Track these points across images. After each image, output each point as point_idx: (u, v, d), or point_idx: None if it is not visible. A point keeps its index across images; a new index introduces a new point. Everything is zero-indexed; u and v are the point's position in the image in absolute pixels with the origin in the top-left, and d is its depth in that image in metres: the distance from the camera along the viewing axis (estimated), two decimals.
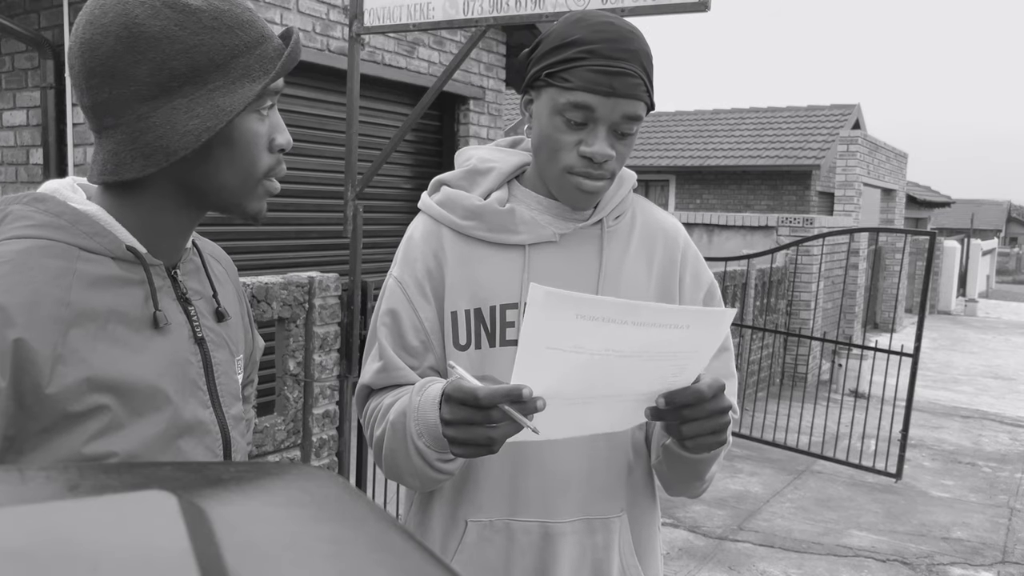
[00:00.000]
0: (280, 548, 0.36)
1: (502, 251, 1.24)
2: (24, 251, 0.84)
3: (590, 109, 1.13)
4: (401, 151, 6.01)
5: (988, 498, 5.18)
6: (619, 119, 1.14)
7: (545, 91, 1.17)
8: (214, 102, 0.86)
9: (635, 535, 1.27)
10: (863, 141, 10.48)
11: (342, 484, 0.46)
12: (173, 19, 0.85)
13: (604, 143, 1.15)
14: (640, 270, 1.28)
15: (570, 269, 1.24)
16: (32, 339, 0.81)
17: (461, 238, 1.25)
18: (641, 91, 1.14)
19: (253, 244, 5.05)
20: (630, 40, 1.14)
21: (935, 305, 16.05)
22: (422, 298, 1.25)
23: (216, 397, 1.00)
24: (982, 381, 9.33)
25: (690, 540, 4.25)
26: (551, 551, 1.21)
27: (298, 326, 3.28)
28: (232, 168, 0.92)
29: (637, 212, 1.33)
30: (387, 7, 3.19)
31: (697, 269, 1.33)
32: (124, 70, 0.85)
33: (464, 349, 1.23)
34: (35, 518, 0.35)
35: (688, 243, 1.34)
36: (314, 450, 3.39)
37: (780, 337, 7.79)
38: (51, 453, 0.84)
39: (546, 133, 1.18)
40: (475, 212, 1.24)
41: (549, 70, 1.15)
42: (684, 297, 1.30)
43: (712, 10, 2.60)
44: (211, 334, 1.01)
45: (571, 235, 1.25)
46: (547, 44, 1.18)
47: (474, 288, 1.23)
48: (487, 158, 1.31)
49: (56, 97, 4.41)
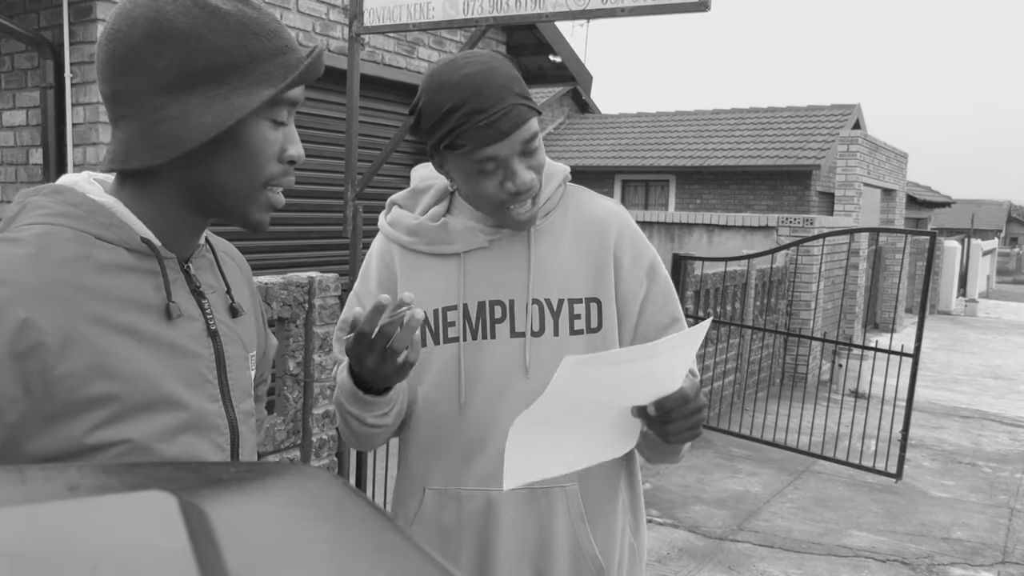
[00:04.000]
0: (280, 548, 0.36)
1: (441, 260, 1.37)
2: (41, 235, 0.86)
3: (494, 157, 1.23)
4: (401, 151, 6.01)
5: (988, 498, 5.18)
6: (521, 147, 1.24)
7: (449, 155, 1.27)
8: (230, 102, 0.88)
9: (588, 505, 1.35)
10: (863, 141, 10.48)
11: (342, 484, 0.46)
12: (202, 19, 0.87)
13: (522, 173, 1.25)
14: (571, 260, 1.36)
15: (502, 269, 1.35)
16: (39, 320, 0.81)
17: (407, 252, 1.39)
18: (527, 114, 1.23)
19: (253, 244, 5.06)
20: (491, 80, 1.22)
21: (935, 305, 16.05)
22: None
23: (227, 392, 1.00)
24: (982, 381, 9.33)
25: (690, 540, 4.25)
26: (494, 517, 1.33)
27: (298, 326, 3.28)
28: (236, 171, 0.93)
29: (571, 204, 1.41)
30: (387, 7, 3.19)
31: (636, 248, 1.40)
32: (145, 62, 0.87)
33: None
34: (35, 518, 0.35)
35: (624, 224, 1.41)
36: (314, 450, 3.40)
37: (780, 337, 7.79)
38: (54, 442, 0.84)
39: (470, 186, 1.29)
40: (414, 229, 1.38)
41: (444, 143, 1.25)
42: (623, 279, 1.37)
43: (712, 10, 2.60)
44: (224, 328, 1.01)
45: (501, 238, 1.36)
46: (427, 119, 1.26)
47: (419, 295, 1.32)
48: (427, 176, 1.44)
49: (56, 97, 4.41)
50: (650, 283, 1.39)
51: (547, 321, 1.34)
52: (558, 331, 1.34)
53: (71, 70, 4.35)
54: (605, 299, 1.36)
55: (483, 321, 1.34)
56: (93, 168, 4.26)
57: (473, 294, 1.35)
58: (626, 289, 1.38)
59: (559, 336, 1.34)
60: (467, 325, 1.34)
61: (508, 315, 1.34)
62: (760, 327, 7.15)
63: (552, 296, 1.34)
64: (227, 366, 1.00)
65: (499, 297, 1.34)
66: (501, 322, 1.34)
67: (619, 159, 14.88)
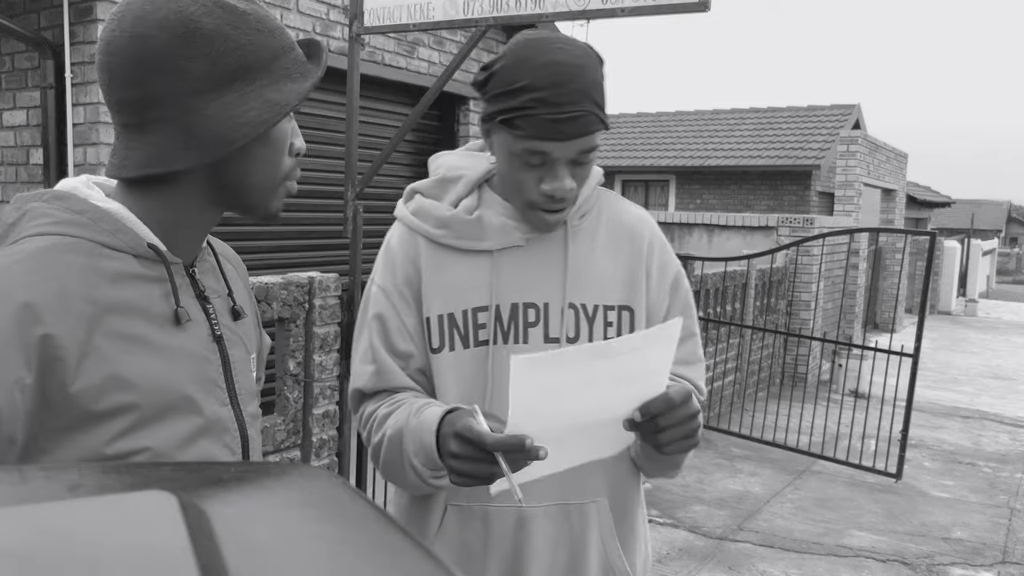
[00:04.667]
0: (280, 548, 0.37)
1: (472, 257, 1.29)
2: (48, 248, 0.85)
3: (545, 153, 1.17)
4: (401, 151, 6.01)
5: (988, 498, 5.18)
6: (575, 155, 1.19)
7: (500, 133, 1.21)
8: (264, 97, 0.90)
9: (617, 520, 1.31)
10: (863, 141, 10.48)
11: (342, 484, 0.46)
12: (225, 19, 0.88)
13: (563, 180, 1.19)
14: (606, 265, 1.31)
15: (536, 270, 1.29)
16: (60, 335, 0.81)
17: (434, 245, 1.30)
18: (594, 126, 1.18)
19: (253, 244, 5.05)
20: (576, 78, 1.16)
21: (935, 305, 16.04)
22: (404, 304, 1.30)
23: (234, 395, 1.00)
24: (982, 381, 9.33)
25: (690, 540, 4.25)
26: (525, 535, 1.26)
27: (298, 326, 3.28)
28: (266, 167, 0.95)
29: (603, 208, 1.36)
30: (387, 7, 3.19)
31: (664, 259, 1.37)
32: (177, 64, 0.87)
33: (437, 352, 1.28)
34: (35, 518, 0.35)
35: (654, 233, 1.37)
36: (314, 450, 3.40)
37: (780, 337, 7.79)
38: (74, 452, 0.84)
39: (506, 172, 1.24)
40: (445, 222, 1.29)
41: (502, 116, 1.18)
42: (651, 287, 1.34)
43: (712, 10, 2.60)
44: (228, 332, 1.02)
45: (537, 237, 1.29)
46: (496, 86, 1.20)
47: (447, 293, 1.28)
48: (456, 165, 1.35)
49: (56, 97, 4.41)
50: (673, 296, 1.36)
51: (582, 327, 1.28)
52: (592, 338, 1.28)
53: (71, 70, 4.35)
54: (637, 308, 1.31)
55: (515, 324, 1.27)
56: (94, 170, 4.26)
57: (506, 295, 1.27)
58: (652, 300, 1.33)
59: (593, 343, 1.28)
60: (498, 328, 1.27)
61: (542, 319, 1.28)
62: (760, 327, 7.15)
63: (588, 301, 1.29)
64: (233, 369, 1.01)
65: (533, 300, 1.28)
66: (534, 326, 1.27)
67: (619, 159, 14.88)
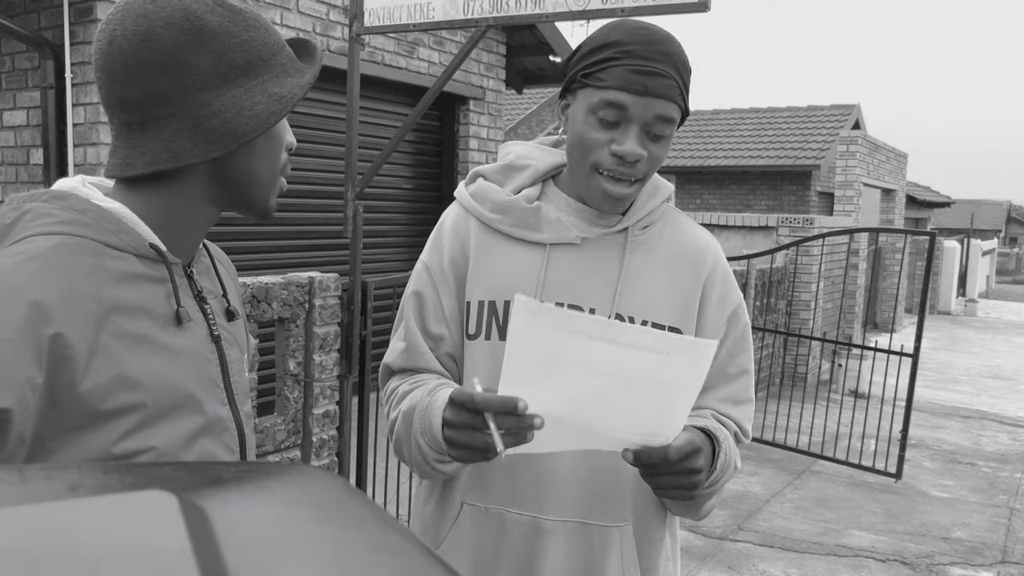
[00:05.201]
0: (280, 548, 0.37)
1: (524, 248, 1.25)
2: (55, 247, 0.85)
3: (623, 107, 1.13)
4: (401, 151, 6.02)
5: (988, 498, 5.18)
6: (652, 119, 1.15)
7: (581, 92, 1.18)
8: (268, 92, 0.92)
9: (640, 548, 1.25)
10: (863, 141, 10.48)
11: (342, 484, 0.46)
12: (227, 16, 0.91)
13: (636, 143, 1.15)
14: (662, 283, 1.25)
15: (589, 273, 1.24)
16: (69, 334, 0.81)
17: (487, 230, 1.27)
18: (675, 93, 1.15)
19: (253, 244, 5.06)
20: (666, 43, 1.16)
21: (935, 305, 16.04)
22: (445, 285, 1.28)
23: (232, 395, 1.01)
24: (982, 381, 9.33)
25: (690, 540, 4.25)
26: (540, 547, 1.21)
27: (298, 326, 3.28)
28: (267, 161, 0.97)
29: (668, 224, 1.31)
30: (387, 7, 3.19)
31: (726, 289, 1.30)
32: (186, 60, 0.89)
33: (473, 339, 1.25)
34: (35, 518, 0.35)
35: (718, 261, 1.31)
36: (314, 450, 3.40)
37: (780, 337, 7.79)
38: (81, 452, 0.84)
39: (579, 131, 1.18)
40: (502, 206, 1.26)
41: (585, 71, 1.17)
42: (706, 316, 1.27)
43: (712, 10, 2.60)
44: (224, 332, 1.03)
45: (594, 240, 1.25)
46: (585, 48, 1.19)
47: (491, 280, 1.24)
48: (525, 155, 1.32)
49: (56, 97, 4.41)
50: (730, 328, 1.30)
51: None
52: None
53: (72, 70, 4.35)
54: (686, 331, 1.26)
55: None
56: (95, 170, 4.26)
57: (552, 292, 1.22)
58: (706, 329, 1.27)
59: None
60: None
61: None
62: (760, 327, 7.15)
63: (636, 315, 1.23)
64: (229, 369, 1.01)
65: (580, 303, 1.22)
66: None
67: None
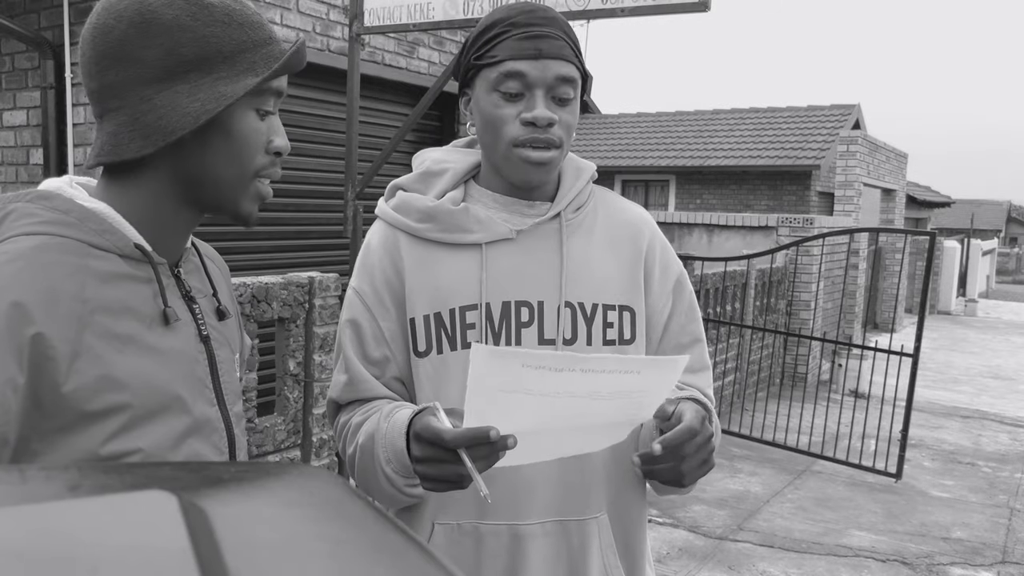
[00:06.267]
0: (280, 548, 0.36)
1: (459, 252, 1.21)
2: (38, 247, 0.84)
3: (522, 75, 1.13)
4: (401, 151, 6.01)
5: (988, 498, 5.18)
6: (553, 81, 1.14)
7: (478, 77, 1.18)
8: (217, 89, 0.89)
9: (618, 535, 1.24)
10: (863, 141, 10.48)
11: (342, 484, 0.46)
12: (186, 10, 0.88)
13: (543, 107, 1.14)
14: (605, 263, 1.24)
15: (530, 266, 1.21)
16: (51, 335, 0.81)
17: (417, 242, 1.23)
18: (568, 53, 1.15)
19: (253, 244, 5.05)
20: (547, 10, 1.17)
21: (935, 305, 16.04)
22: (381, 308, 1.23)
23: (221, 395, 1.00)
24: (982, 381, 9.33)
25: (690, 540, 4.25)
26: (521, 554, 1.18)
27: (298, 326, 3.28)
28: (227, 161, 0.93)
29: (599, 203, 1.30)
30: (387, 7, 3.19)
31: (666, 260, 1.30)
32: (133, 53, 0.87)
33: (424, 355, 1.21)
34: (35, 518, 0.35)
35: (655, 233, 1.31)
36: (314, 450, 3.39)
37: (780, 337, 7.79)
38: (67, 454, 0.83)
39: (486, 113, 1.17)
40: (429, 213, 1.22)
41: (477, 54, 1.17)
42: (652, 289, 1.27)
43: (712, 10, 2.60)
44: (214, 332, 1.02)
45: (529, 231, 1.22)
46: (470, 39, 1.20)
47: (432, 292, 1.20)
48: (441, 159, 1.29)
49: (56, 97, 4.41)
50: (676, 299, 1.29)
51: (580, 328, 1.20)
52: (591, 340, 1.20)
53: (72, 70, 4.35)
54: (638, 309, 1.24)
55: (507, 324, 1.19)
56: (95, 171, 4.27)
57: (496, 292, 1.19)
58: (654, 302, 1.27)
59: (592, 345, 1.20)
60: (489, 328, 1.19)
61: (536, 318, 1.19)
62: (760, 327, 7.15)
63: (585, 300, 1.21)
64: (219, 369, 1.00)
65: (526, 297, 1.20)
66: (528, 326, 1.19)
67: (619, 159, 14.88)
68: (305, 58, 0.95)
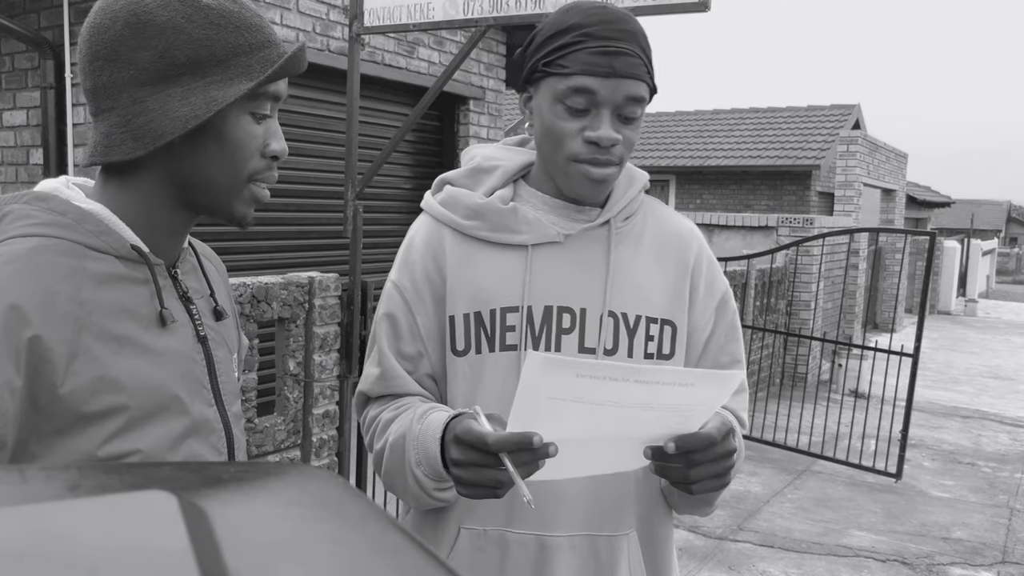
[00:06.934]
0: (280, 548, 0.36)
1: (504, 252, 1.19)
2: (34, 249, 0.84)
3: (591, 92, 1.09)
4: (401, 151, 6.01)
5: (988, 498, 5.18)
6: (622, 101, 1.10)
7: (544, 82, 1.14)
8: (209, 94, 0.88)
9: (647, 553, 1.21)
10: (863, 141, 10.48)
11: (342, 484, 0.46)
12: (182, 12, 0.87)
13: (609, 127, 1.10)
14: (651, 275, 1.22)
15: (575, 271, 1.19)
16: (48, 337, 0.81)
17: (463, 238, 1.21)
18: (641, 71, 1.11)
19: (253, 244, 5.05)
20: (626, 21, 1.12)
21: (935, 305, 16.04)
22: (420, 303, 1.22)
23: (219, 395, 1.00)
24: (982, 381, 9.33)
25: (690, 540, 4.25)
26: (547, 566, 1.15)
27: (298, 326, 3.28)
28: (221, 164, 0.92)
29: (648, 213, 1.28)
30: (387, 7, 3.19)
31: (712, 276, 1.27)
32: (126, 55, 0.87)
33: (462, 355, 1.19)
34: (35, 518, 0.35)
35: (703, 248, 1.29)
36: (314, 450, 3.39)
37: (780, 337, 7.79)
38: (65, 455, 0.83)
39: (548, 123, 1.13)
40: (477, 211, 1.20)
41: (546, 59, 1.12)
42: (696, 305, 1.24)
43: (712, 10, 2.60)
44: (212, 332, 1.01)
45: (577, 236, 1.20)
46: (542, 36, 1.15)
47: (474, 291, 1.18)
48: (492, 156, 1.26)
49: (56, 97, 4.41)
50: (719, 317, 1.26)
51: (622, 339, 1.17)
52: (632, 351, 1.18)
53: (72, 70, 4.35)
54: (680, 323, 1.22)
55: (548, 329, 1.16)
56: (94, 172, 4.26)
57: (539, 296, 1.17)
58: (696, 319, 1.24)
59: (632, 357, 1.17)
60: (529, 332, 1.16)
61: (578, 326, 1.17)
62: (760, 327, 7.15)
63: (629, 311, 1.18)
64: (217, 370, 1.00)
65: (569, 304, 1.17)
66: (569, 333, 1.17)
67: None
68: (305, 62, 0.93)
